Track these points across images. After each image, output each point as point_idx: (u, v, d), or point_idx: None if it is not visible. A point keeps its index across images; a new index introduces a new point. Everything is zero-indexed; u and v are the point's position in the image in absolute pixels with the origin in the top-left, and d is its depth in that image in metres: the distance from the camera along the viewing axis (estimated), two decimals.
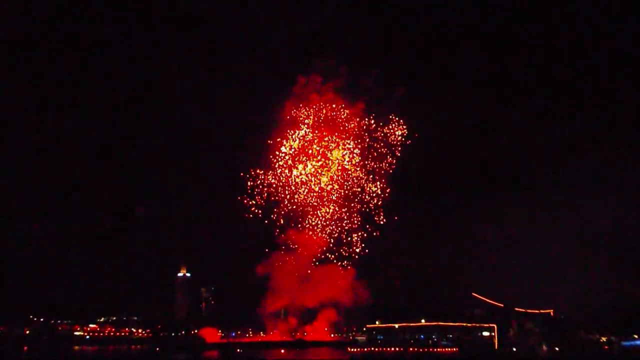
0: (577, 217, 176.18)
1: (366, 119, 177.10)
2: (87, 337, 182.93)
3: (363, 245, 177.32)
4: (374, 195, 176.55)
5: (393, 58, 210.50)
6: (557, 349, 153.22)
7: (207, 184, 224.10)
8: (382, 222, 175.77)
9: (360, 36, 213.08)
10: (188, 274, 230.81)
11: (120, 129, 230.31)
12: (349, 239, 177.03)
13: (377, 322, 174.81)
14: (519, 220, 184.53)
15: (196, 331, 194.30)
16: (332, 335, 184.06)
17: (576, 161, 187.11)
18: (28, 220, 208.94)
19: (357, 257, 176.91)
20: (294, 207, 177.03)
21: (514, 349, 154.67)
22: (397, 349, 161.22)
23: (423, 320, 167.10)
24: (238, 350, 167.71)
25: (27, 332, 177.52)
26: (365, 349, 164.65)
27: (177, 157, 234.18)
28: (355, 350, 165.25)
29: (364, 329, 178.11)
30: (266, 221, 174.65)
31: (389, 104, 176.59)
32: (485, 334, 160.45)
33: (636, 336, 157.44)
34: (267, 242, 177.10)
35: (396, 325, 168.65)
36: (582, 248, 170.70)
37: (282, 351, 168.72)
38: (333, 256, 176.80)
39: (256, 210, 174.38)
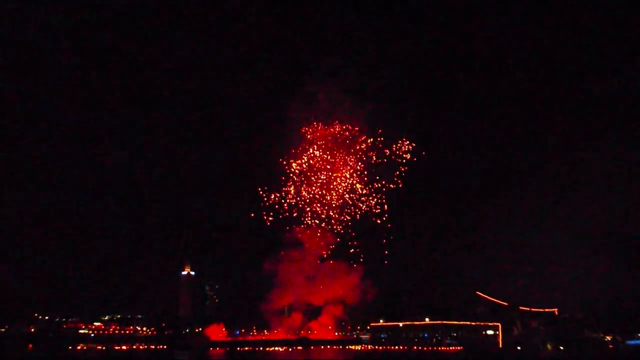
0: (582, 216, 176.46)
1: (372, 138, 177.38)
2: (92, 335, 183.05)
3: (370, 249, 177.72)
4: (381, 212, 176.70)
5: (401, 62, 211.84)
6: (561, 348, 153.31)
7: (212, 183, 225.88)
8: (389, 239, 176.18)
9: (367, 39, 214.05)
10: (192, 272, 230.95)
11: (129, 131, 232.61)
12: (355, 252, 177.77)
13: (381, 321, 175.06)
14: (524, 220, 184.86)
15: (200, 329, 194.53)
16: (336, 333, 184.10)
17: (582, 161, 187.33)
18: (33, 219, 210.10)
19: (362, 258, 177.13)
20: (302, 226, 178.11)
21: (518, 348, 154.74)
22: (401, 347, 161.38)
23: (427, 319, 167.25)
24: (238, 348, 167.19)
25: (32, 330, 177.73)
26: (369, 348, 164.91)
27: (183, 158, 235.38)
28: (359, 348, 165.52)
29: (368, 327, 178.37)
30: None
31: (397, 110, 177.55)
32: (490, 332, 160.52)
33: None
34: (272, 239, 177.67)
35: (400, 324, 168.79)
36: (586, 247, 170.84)
37: (281, 349, 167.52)
38: (343, 249, 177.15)
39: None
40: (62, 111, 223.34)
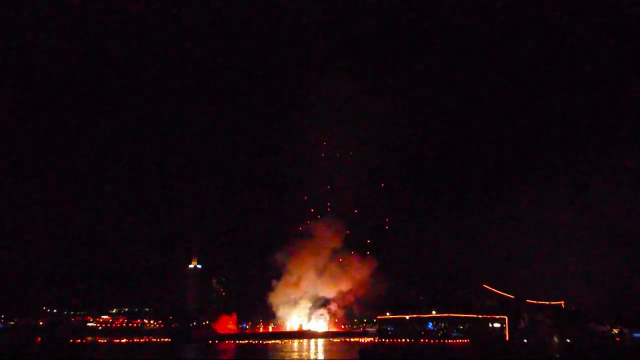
0: (589, 208, 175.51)
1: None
2: (100, 328, 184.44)
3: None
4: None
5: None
6: (568, 340, 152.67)
7: (217, 177, 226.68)
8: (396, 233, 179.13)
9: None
10: (199, 266, 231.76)
11: (140, 123, 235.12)
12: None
13: (387, 314, 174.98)
14: (531, 212, 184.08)
15: (207, 322, 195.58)
16: (343, 326, 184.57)
17: (588, 154, 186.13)
18: (40, 212, 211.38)
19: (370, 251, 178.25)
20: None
21: (525, 341, 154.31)
22: (407, 340, 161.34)
23: (434, 312, 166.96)
24: (238, 341, 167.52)
25: (41, 323, 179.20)
26: (376, 340, 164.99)
27: (189, 155, 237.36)
28: (365, 341, 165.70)
29: (374, 320, 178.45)
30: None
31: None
32: (496, 325, 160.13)
33: None
34: (280, 232, 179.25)
35: (407, 317, 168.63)
36: (593, 239, 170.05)
37: (281, 342, 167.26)
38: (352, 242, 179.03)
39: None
40: (68, 103, 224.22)
